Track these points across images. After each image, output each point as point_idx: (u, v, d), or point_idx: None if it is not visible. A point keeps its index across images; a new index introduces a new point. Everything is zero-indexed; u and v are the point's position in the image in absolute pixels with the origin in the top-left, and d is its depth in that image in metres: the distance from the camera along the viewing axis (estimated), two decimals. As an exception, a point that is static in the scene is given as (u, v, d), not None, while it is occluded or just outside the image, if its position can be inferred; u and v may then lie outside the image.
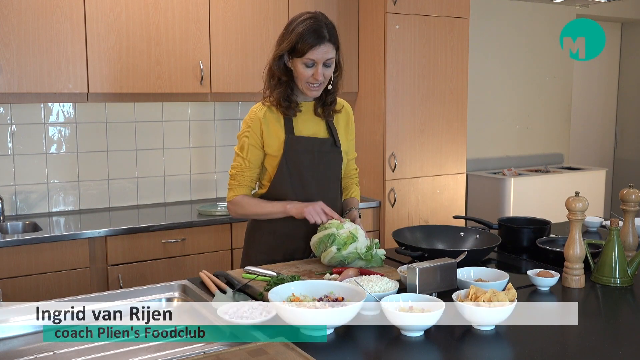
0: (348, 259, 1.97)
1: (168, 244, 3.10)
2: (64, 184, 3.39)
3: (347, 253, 1.96)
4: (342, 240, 1.97)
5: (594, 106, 5.93)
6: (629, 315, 1.78)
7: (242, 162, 2.17)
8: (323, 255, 1.99)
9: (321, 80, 2.09)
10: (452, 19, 3.82)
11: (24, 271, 2.79)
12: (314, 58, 2.04)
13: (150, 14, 3.18)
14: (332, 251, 1.96)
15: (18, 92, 2.93)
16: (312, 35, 2.03)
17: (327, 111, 2.21)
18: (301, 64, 2.06)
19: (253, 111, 2.18)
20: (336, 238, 1.97)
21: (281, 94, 2.12)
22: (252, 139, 2.15)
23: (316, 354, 1.39)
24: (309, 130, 2.18)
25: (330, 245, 1.97)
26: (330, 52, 2.06)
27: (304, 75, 2.07)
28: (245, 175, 2.18)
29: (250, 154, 2.16)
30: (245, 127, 2.17)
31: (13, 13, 2.88)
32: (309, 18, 2.06)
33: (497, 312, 1.53)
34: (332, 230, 1.99)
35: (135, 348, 1.63)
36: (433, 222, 3.87)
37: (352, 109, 2.37)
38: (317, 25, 2.04)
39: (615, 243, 1.94)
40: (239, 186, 2.18)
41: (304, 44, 2.02)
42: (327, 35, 2.05)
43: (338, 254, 1.96)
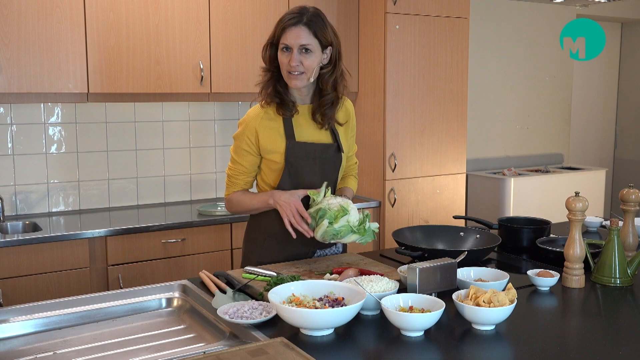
0: (340, 233, 1.93)
1: (168, 244, 3.10)
2: (64, 184, 3.39)
3: (339, 227, 1.92)
4: (333, 214, 1.93)
5: (594, 106, 5.93)
6: (629, 315, 1.78)
7: (237, 166, 2.14)
8: (315, 230, 1.96)
9: (298, 68, 2.00)
10: (452, 19, 3.82)
11: (24, 271, 2.79)
12: (287, 42, 1.99)
13: (150, 14, 3.18)
14: (324, 225, 1.92)
15: (18, 92, 2.93)
16: (288, 17, 2.00)
17: (325, 118, 2.11)
18: (280, 51, 2.02)
19: (250, 115, 2.12)
20: (327, 212, 1.93)
21: (271, 86, 2.07)
22: (246, 145, 2.10)
23: (316, 354, 1.39)
24: (311, 134, 2.12)
25: (321, 219, 1.93)
26: (304, 37, 1.99)
27: (283, 63, 2.02)
28: (239, 179, 2.16)
29: (244, 160, 2.12)
30: (240, 132, 2.12)
31: (13, 13, 2.88)
32: (295, 7, 2.05)
33: (497, 312, 1.53)
34: (323, 205, 1.95)
35: (135, 348, 1.63)
36: (433, 222, 3.87)
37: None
38: (298, 11, 2.01)
39: (615, 243, 1.94)
40: (234, 186, 2.17)
41: (279, 27, 2.01)
42: (304, 19, 1.99)
43: (330, 228, 1.92)
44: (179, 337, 1.70)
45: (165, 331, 1.74)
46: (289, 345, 1.38)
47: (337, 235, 1.94)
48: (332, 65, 2.09)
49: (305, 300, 1.59)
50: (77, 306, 1.80)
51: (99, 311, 1.81)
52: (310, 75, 2.05)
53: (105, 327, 1.76)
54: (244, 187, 2.17)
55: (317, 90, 2.12)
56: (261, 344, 1.39)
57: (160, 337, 1.70)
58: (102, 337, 1.69)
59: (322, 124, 2.12)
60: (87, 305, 1.81)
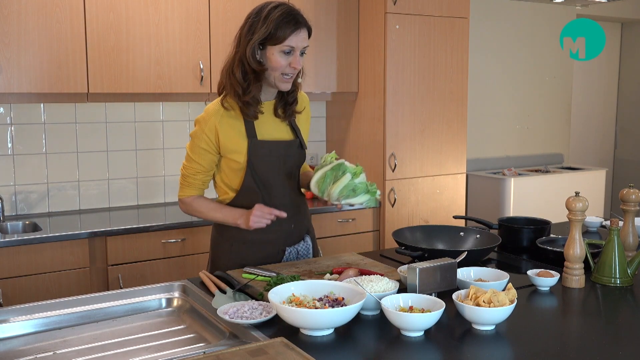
0: (358, 189, 1.91)
1: (168, 244, 3.10)
2: (64, 184, 3.39)
3: (359, 182, 1.91)
4: (353, 169, 1.91)
5: (594, 106, 5.93)
6: (629, 315, 1.78)
7: (194, 164, 2.06)
8: (333, 187, 1.91)
9: (297, 70, 1.99)
10: (452, 19, 3.82)
11: (24, 271, 2.79)
12: (293, 45, 1.94)
13: (150, 14, 3.18)
14: (347, 178, 1.90)
15: (18, 92, 2.93)
16: (292, 20, 1.93)
17: (288, 112, 2.09)
18: (278, 52, 1.94)
19: (208, 112, 2.04)
20: (347, 167, 1.91)
21: (257, 89, 2.00)
22: (205, 143, 2.03)
23: (316, 354, 1.39)
24: (272, 132, 2.07)
25: (343, 174, 1.90)
26: (306, 40, 1.98)
27: (280, 65, 1.95)
28: (196, 178, 2.08)
29: (201, 158, 2.05)
30: (198, 129, 2.04)
31: (13, 13, 2.88)
32: (280, 4, 1.97)
33: (497, 312, 1.53)
34: (341, 161, 1.93)
35: (135, 348, 1.63)
36: (433, 222, 3.87)
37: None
38: (293, 11, 1.97)
39: (615, 243, 1.94)
40: (190, 187, 2.09)
41: (284, 30, 1.92)
42: (302, 20, 1.97)
43: (351, 182, 1.90)
44: (179, 337, 1.70)
45: (165, 331, 1.74)
46: (289, 345, 1.38)
47: (356, 191, 1.91)
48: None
49: (305, 300, 1.59)
50: (77, 306, 1.80)
51: (99, 311, 1.81)
52: (297, 77, 2.06)
53: (105, 327, 1.76)
54: (201, 187, 2.11)
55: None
56: (261, 344, 1.39)
57: (160, 337, 1.70)
58: (102, 337, 1.69)
59: (284, 118, 2.10)
60: (87, 305, 1.81)
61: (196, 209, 2.10)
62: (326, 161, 1.97)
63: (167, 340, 1.68)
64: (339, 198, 1.92)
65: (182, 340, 1.69)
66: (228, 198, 2.11)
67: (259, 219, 2.00)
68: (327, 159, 1.97)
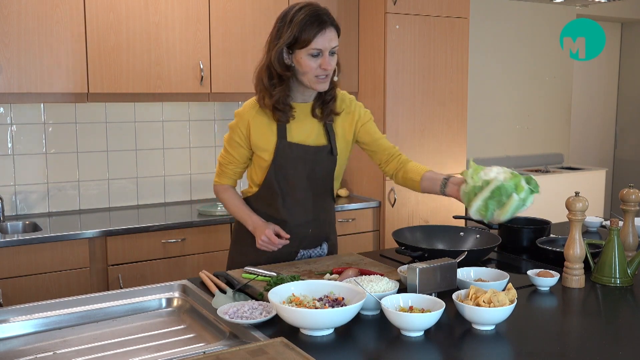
0: (527, 199, 1.74)
1: (168, 244, 3.10)
2: (64, 184, 3.39)
3: (525, 193, 1.73)
4: (513, 183, 1.72)
5: (594, 106, 5.93)
6: (629, 315, 1.78)
7: (228, 155, 2.13)
8: (501, 213, 1.71)
9: (330, 70, 1.95)
10: (452, 19, 3.82)
11: (24, 271, 2.79)
12: (320, 47, 1.90)
13: (150, 14, 3.18)
14: (514, 200, 1.70)
15: (18, 92, 2.93)
16: (315, 21, 1.89)
17: (326, 111, 2.06)
18: (306, 56, 1.91)
19: (245, 107, 2.08)
20: (508, 187, 1.71)
21: (283, 92, 1.98)
22: (238, 137, 2.08)
23: (316, 354, 1.39)
24: (303, 134, 2.06)
25: (508, 197, 1.70)
26: (335, 39, 1.93)
27: (311, 68, 1.92)
28: (229, 169, 2.14)
29: (234, 151, 2.11)
30: (234, 123, 2.10)
31: (13, 13, 2.88)
32: (305, 5, 1.93)
33: (497, 312, 1.53)
34: (498, 182, 1.72)
35: (135, 348, 1.63)
36: (433, 222, 3.87)
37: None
38: (318, 11, 1.92)
39: (615, 243, 1.94)
40: (223, 175, 2.16)
41: (309, 32, 1.88)
42: (328, 20, 1.92)
43: (520, 201, 1.72)
44: (179, 337, 1.70)
45: (165, 331, 1.74)
46: (289, 345, 1.38)
47: (525, 202, 1.74)
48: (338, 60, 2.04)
49: (305, 300, 1.59)
50: (77, 306, 1.80)
51: (99, 311, 1.81)
52: (333, 75, 2.01)
53: (105, 327, 1.76)
54: (233, 177, 2.16)
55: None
56: (261, 344, 1.39)
57: (160, 337, 1.70)
58: (102, 337, 1.69)
59: (321, 118, 2.07)
60: (87, 305, 1.81)
61: (223, 199, 2.18)
62: (475, 179, 1.77)
63: (167, 340, 1.68)
64: (512, 216, 1.76)
65: (182, 340, 1.68)
66: (251, 192, 2.16)
67: (265, 244, 2.05)
68: (476, 178, 1.77)
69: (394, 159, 2.14)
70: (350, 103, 2.14)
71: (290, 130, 2.05)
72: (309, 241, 2.19)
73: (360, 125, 2.14)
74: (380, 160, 2.17)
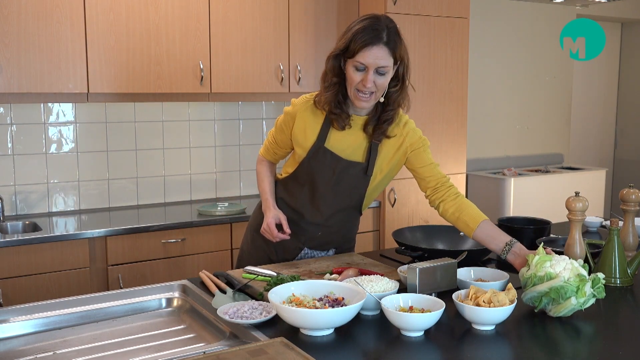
0: (586, 303, 1.65)
1: (168, 244, 3.10)
2: (64, 184, 3.39)
3: (585, 300, 1.64)
4: (575, 284, 1.62)
5: (594, 106, 5.93)
6: (629, 315, 1.78)
7: (272, 136, 2.18)
8: (553, 310, 1.64)
9: (371, 89, 1.87)
10: (452, 19, 3.82)
11: (24, 271, 2.79)
12: (364, 61, 1.84)
13: (150, 14, 3.18)
14: (572, 303, 1.62)
15: (18, 92, 2.93)
16: (366, 34, 1.83)
17: (378, 131, 1.98)
18: (352, 67, 1.87)
19: (301, 99, 2.07)
20: (570, 288, 1.62)
21: (332, 97, 1.93)
22: (285, 124, 2.09)
23: (316, 354, 1.39)
24: (342, 145, 2.00)
25: (566, 299, 1.62)
26: (384, 58, 1.85)
27: (353, 80, 1.87)
28: (270, 148, 2.20)
29: (278, 134, 2.14)
30: (289, 109, 2.08)
31: (13, 13, 2.88)
32: (369, 17, 1.88)
33: (497, 312, 1.53)
34: (560, 282, 1.62)
35: (135, 348, 1.63)
36: (433, 222, 3.87)
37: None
38: (375, 26, 1.85)
39: (615, 243, 1.94)
40: (266, 150, 2.22)
41: (356, 43, 1.83)
42: (384, 37, 1.84)
43: (577, 304, 1.63)
44: (179, 337, 1.70)
45: (165, 331, 1.74)
46: (289, 345, 1.38)
47: (582, 308, 1.65)
48: (401, 82, 1.98)
49: (305, 300, 1.59)
50: (77, 306, 1.80)
51: (99, 311, 1.81)
52: (381, 95, 1.94)
53: (105, 327, 1.76)
54: (273, 156, 2.21)
55: (380, 104, 1.99)
56: (261, 344, 1.39)
57: (160, 337, 1.70)
58: (102, 337, 1.69)
59: (371, 135, 2.00)
60: (87, 305, 1.81)
61: (257, 170, 2.24)
62: (538, 269, 1.68)
63: (167, 340, 1.68)
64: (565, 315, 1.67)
65: (182, 340, 1.69)
66: (282, 176, 2.20)
67: (265, 232, 2.12)
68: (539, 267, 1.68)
69: (442, 189, 2.03)
70: (404, 127, 2.06)
71: (330, 137, 2.01)
72: (316, 243, 2.19)
73: (411, 151, 2.05)
74: (426, 188, 2.06)
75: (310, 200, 2.10)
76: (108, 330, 1.75)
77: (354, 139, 2.01)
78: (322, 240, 2.18)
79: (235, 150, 3.84)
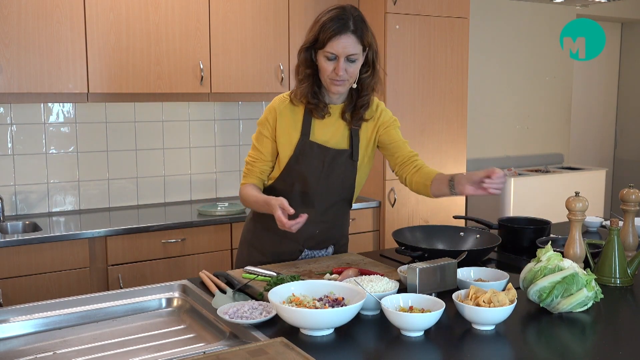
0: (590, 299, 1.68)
1: (168, 244, 3.10)
2: (64, 184, 3.39)
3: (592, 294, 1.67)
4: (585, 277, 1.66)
5: (594, 106, 5.93)
6: (629, 315, 1.78)
7: (256, 152, 2.11)
8: (562, 302, 1.65)
9: (344, 77, 1.94)
10: (452, 19, 3.82)
11: (24, 271, 2.79)
12: (334, 51, 1.90)
13: (150, 14, 3.18)
14: (582, 295, 1.64)
15: (18, 92, 2.93)
16: (334, 25, 1.89)
17: (356, 117, 2.05)
18: (323, 57, 1.93)
19: (275, 101, 2.08)
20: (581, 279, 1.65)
21: (307, 88, 1.99)
22: (267, 131, 2.07)
23: (316, 354, 1.39)
24: (326, 135, 2.05)
25: (578, 290, 1.64)
26: (353, 46, 1.91)
27: (326, 70, 1.94)
28: (255, 166, 2.11)
29: (263, 146, 2.08)
30: (263, 117, 2.09)
31: (13, 13, 2.88)
32: (335, 8, 1.93)
33: (497, 312, 1.53)
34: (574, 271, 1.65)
35: (135, 348, 1.63)
36: (433, 222, 3.87)
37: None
38: (342, 15, 1.90)
39: (615, 243, 1.94)
40: (249, 175, 2.12)
41: (325, 34, 1.89)
42: (351, 26, 1.90)
43: (587, 298, 1.66)
44: (179, 337, 1.70)
45: (165, 331, 1.74)
46: (289, 345, 1.38)
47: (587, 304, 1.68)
48: (372, 67, 2.02)
49: (305, 300, 1.59)
50: (77, 306, 1.80)
51: (99, 311, 1.81)
52: (353, 82, 2.00)
53: (105, 327, 1.76)
54: (260, 176, 2.12)
55: (354, 90, 2.05)
56: (261, 344, 1.39)
57: (160, 337, 1.70)
58: (102, 337, 1.69)
59: (349, 122, 2.06)
60: (87, 305, 1.81)
61: (243, 195, 2.10)
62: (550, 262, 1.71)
63: (167, 340, 1.68)
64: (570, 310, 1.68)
65: (182, 340, 1.69)
66: (271, 180, 2.14)
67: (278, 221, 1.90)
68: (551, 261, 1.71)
69: (409, 164, 2.10)
70: (377, 110, 2.13)
71: (314, 130, 2.05)
72: (315, 242, 2.18)
73: (383, 129, 2.12)
74: (395, 164, 2.14)
75: (303, 199, 2.09)
76: (108, 330, 1.74)
77: (336, 128, 2.07)
78: (320, 238, 2.18)
79: (235, 150, 3.84)
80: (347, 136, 2.08)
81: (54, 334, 1.71)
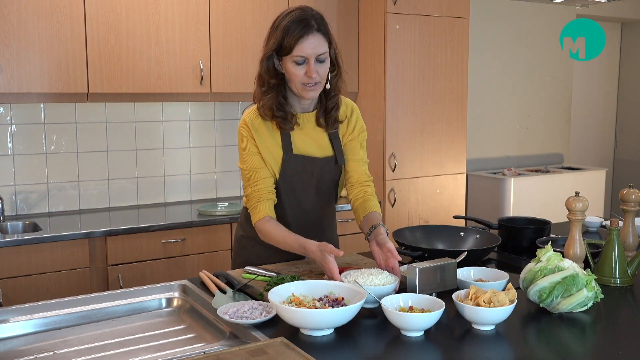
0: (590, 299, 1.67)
1: (168, 244, 3.10)
2: (64, 184, 3.39)
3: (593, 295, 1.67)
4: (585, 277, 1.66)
5: (594, 106, 5.93)
6: (629, 315, 1.78)
7: (250, 174, 1.97)
8: (562, 302, 1.65)
9: (317, 79, 1.86)
10: (452, 19, 3.82)
11: (24, 271, 2.79)
12: (303, 54, 1.82)
13: (150, 14, 3.18)
14: (583, 295, 1.64)
15: (18, 92, 2.93)
16: (297, 26, 1.81)
17: (330, 120, 1.98)
18: (291, 63, 1.84)
19: (244, 119, 1.98)
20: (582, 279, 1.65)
21: (272, 100, 1.90)
22: (252, 146, 1.96)
23: (316, 354, 1.39)
24: (309, 146, 1.99)
25: (578, 290, 1.64)
26: (321, 45, 1.84)
27: (297, 76, 1.85)
28: (259, 189, 1.96)
29: (255, 163, 1.96)
30: (240, 138, 1.98)
31: (13, 13, 2.88)
32: (294, 10, 1.86)
33: (497, 312, 1.53)
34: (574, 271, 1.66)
35: (135, 348, 1.63)
36: (433, 222, 3.87)
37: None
38: (303, 16, 1.83)
39: (615, 243, 1.94)
40: (259, 204, 1.95)
41: (290, 38, 1.81)
42: (314, 24, 1.83)
43: (587, 298, 1.66)
44: (179, 337, 1.70)
45: (165, 331, 1.74)
46: (289, 345, 1.38)
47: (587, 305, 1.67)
48: (336, 65, 1.96)
49: (305, 300, 1.59)
50: (77, 306, 1.80)
51: (99, 311, 1.81)
52: (325, 83, 1.93)
53: (105, 327, 1.76)
54: (268, 196, 1.96)
55: (322, 94, 1.98)
56: (261, 344, 1.39)
57: (160, 337, 1.70)
58: (102, 337, 1.69)
59: (326, 127, 2.00)
60: (87, 305, 1.81)
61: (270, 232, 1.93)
62: (550, 262, 1.71)
63: (167, 340, 1.68)
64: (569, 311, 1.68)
65: (182, 340, 1.68)
66: None
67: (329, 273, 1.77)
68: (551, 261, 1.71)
69: (359, 187, 2.07)
70: (352, 113, 2.08)
71: (295, 142, 1.98)
72: None
73: (348, 140, 2.07)
74: (347, 181, 2.09)
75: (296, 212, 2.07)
76: (108, 330, 1.74)
77: (315, 136, 2.01)
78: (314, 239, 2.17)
79: (235, 150, 3.83)
80: (328, 141, 2.03)
81: (54, 334, 1.71)
